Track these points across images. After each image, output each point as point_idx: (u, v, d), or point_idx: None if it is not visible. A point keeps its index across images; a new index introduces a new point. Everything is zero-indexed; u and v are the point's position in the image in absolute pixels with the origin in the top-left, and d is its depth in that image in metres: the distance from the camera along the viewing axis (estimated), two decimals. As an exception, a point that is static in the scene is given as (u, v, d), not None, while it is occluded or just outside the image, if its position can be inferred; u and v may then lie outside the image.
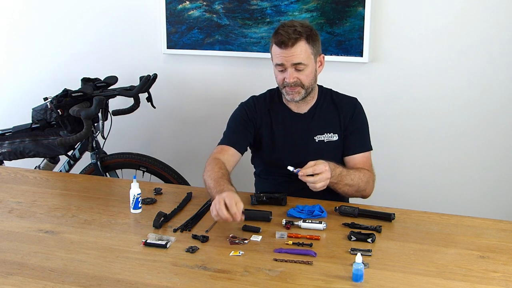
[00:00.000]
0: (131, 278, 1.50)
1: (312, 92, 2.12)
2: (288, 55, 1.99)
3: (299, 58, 1.99)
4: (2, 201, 2.08)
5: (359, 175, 2.04)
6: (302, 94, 2.06)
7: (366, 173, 2.08)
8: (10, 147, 2.83)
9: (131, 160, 2.80)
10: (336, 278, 1.49)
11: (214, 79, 3.10)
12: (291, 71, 2.01)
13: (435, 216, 1.91)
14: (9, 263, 1.59)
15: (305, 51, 2.00)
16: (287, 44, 1.97)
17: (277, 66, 2.05)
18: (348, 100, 2.19)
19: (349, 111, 2.15)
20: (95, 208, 2.01)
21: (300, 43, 1.99)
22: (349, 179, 2.00)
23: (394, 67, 2.78)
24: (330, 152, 2.12)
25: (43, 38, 3.37)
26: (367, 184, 2.07)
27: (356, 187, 2.03)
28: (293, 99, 2.07)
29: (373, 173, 2.15)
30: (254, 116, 2.18)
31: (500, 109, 2.69)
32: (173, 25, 3.05)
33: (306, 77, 2.03)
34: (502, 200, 2.77)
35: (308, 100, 2.13)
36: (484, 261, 1.59)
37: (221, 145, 2.16)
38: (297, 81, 2.02)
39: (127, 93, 2.76)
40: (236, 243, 1.69)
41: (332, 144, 2.13)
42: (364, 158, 2.15)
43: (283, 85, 2.06)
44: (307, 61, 2.01)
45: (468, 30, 2.65)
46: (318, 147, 2.13)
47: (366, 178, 2.06)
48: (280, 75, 2.05)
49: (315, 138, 2.13)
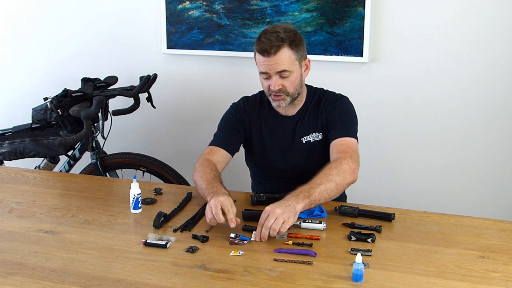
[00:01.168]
0: (131, 278, 1.50)
1: (299, 96, 2.10)
2: (271, 63, 1.95)
3: (282, 65, 1.96)
4: (2, 201, 2.08)
5: (326, 174, 1.84)
6: (288, 100, 2.04)
7: (333, 164, 1.88)
8: (10, 147, 2.83)
9: (131, 160, 2.80)
10: (336, 278, 1.49)
11: (214, 79, 3.10)
12: (276, 78, 1.98)
13: (435, 216, 1.91)
14: (9, 263, 1.59)
15: (288, 58, 1.96)
16: (270, 52, 1.94)
17: (261, 74, 2.02)
18: (333, 97, 2.14)
19: (329, 105, 2.10)
20: (95, 208, 2.01)
21: (283, 50, 1.95)
22: (322, 188, 1.80)
23: (394, 67, 2.78)
24: (317, 151, 2.11)
25: (43, 38, 3.37)
26: (341, 174, 1.85)
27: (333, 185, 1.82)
28: (279, 105, 2.06)
29: (353, 156, 1.94)
30: (243, 116, 2.18)
31: (500, 109, 2.69)
32: (173, 25, 3.05)
33: (291, 84, 2.00)
34: (502, 200, 2.77)
35: (296, 104, 2.12)
36: (484, 261, 1.59)
37: (211, 146, 2.15)
38: (282, 88, 2.00)
39: (127, 93, 2.76)
40: (236, 243, 1.69)
41: (318, 143, 2.12)
42: (342, 141, 2.00)
43: (269, 93, 2.04)
44: (291, 67, 1.98)
45: (468, 30, 2.65)
46: (306, 148, 2.12)
47: (336, 170, 1.85)
48: (265, 82, 2.03)
49: (302, 140, 2.12)
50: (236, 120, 2.17)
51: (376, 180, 2.84)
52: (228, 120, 2.19)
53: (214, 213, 1.71)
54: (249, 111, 2.18)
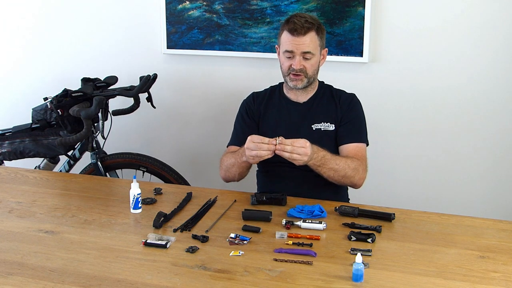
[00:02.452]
0: (131, 278, 1.50)
1: (313, 83, 2.20)
2: (299, 43, 2.08)
3: (308, 47, 2.09)
4: (2, 201, 2.08)
5: (346, 161, 2.06)
6: (305, 82, 2.14)
7: (354, 160, 2.08)
8: (10, 147, 2.83)
9: (131, 160, 2.80)
10: (336, 278, 1.49)
11: (214, 79, 3.10)
12: (299, 58, 2.10)
13: (435, 216, 1.91)
14: (9, 263, 1.59)
15: (314, 41, 2.10)
16: (300, 32, 2.07)
17: (285, 53, 2.12)
18: (346, 95, 2.26)
19: (345, 104, 2.21)
20: (95, 208, 2.01)
21: (311, 33, 2.09)
22: (334, 164, 2.02)
23: (394, 67, 2.78)
24: (326, 140, 2.16)
25: (43, 38, 3.36)
26: (355, 171, 2.06)
27: (342, 172, 2.04)
28: (296, 86, 2.15)
29: (365, 164, 2.15)
30: (253, 109, 2.27)
31: (500, 108, 2.69)
32: (173, 25, 3.05)
33: (311, 66, 2.12)
34: (502, 200, 2.77)
35: (308, 90, 2.21)
36: (484, 261, 1.59)
37: (229, 145, 2.26)
38: (303, 69, 2.11)
39: (127, 93, 2.76)
40: (236, 243, 1.69)
41: (328, 133, 2.18)
42: (356, 148, 2.16)
43: (288, 72, 2.13)
44: (315, 51, 2.11)
45: (468, 30, 2.65)
46: (315, 135, 2.16)
47: (354, 165, 2.06)
48: (287, 61, 2.13)
49: (312, 126, 2.19)
50: (247, 115, 2.27)
51: (376, 180, 2.84)
52: (240, 118, 2.29)
53: (256, 147, 1.90)
54: (258, 103, 2.28)
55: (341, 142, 2.17)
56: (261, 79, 2.69)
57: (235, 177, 2.17)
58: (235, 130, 2.29)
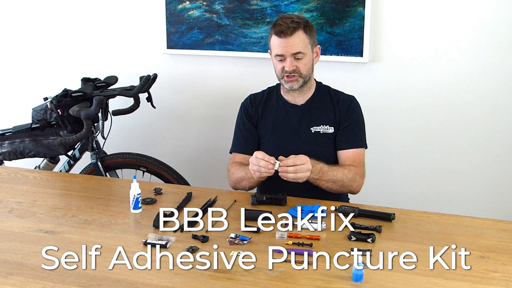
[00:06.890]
0: (131, 278, 1.50)
1: (309, 82, 2.17)
2: (287, 45, 2.06)
3: (298, 47, 2.06)
4: (2, 201, 2.08)
5: (343, 172, 2.06)
6: (300, 82, 2.12)
7: (351, 169, 2.09)
8: (10, 147, 2.83)
9: (131, 160, 2.80)
10: (336, 278, 1.49)
11: (214, 79, 3.10)
12: (291, 60, 2.08)
13: (435, 216, 1.91)
14: (9, 263, 1.59)
15: (303, 40, 2.07)
16: (286, 33, 2.05)
17: (276, 57, 2.11)
18: (345, 97, 2.24)
19: (345, 107, 2.19)
20: (95, 208, 2.01)
21: (298, 32, 2.06)
22: (331, 175, 2.03)
23: (394, 67, 2.78)
24: (325, 143, 2.16)
25: (43, 38, 3.36)
26: (352, 181, 2.07)
27: (340, 183, 2.05)
28: (292, 87, 2.13)
29: (363, 170, 2.15)
30: (251, 112, 2.26)
31: (500, 109, 2.69)
32: (173, 25, 3.05)
33: (304, 66, 2.10)
34: (502, 200, 2.77)
35: (305, 91, 2.19)
36: (484, 261, 1.59)
37: (233, 152, 2.27)
38: (296, 69, 2.09)
39: (127, 93, 2.76)
40: (236, 243, 1.69)
41: (327, 136, 2.17)
42: (355, 154, 2.15)
43: (282, 75, 2.12)
44: (305, 50, 2.08)
45: (468, 30, 2.65)
46: (314, 137, 2.16)
47: (351, 175, 2.07)
48: (279, 64, 2.12)
49: (311, 129, 2.18)
50: (246, 119, 2.26)
51: (376, 180, 2.84)
52: (240, 123, 2.28)
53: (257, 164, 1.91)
54: (256, 105, 2.26)
55: (340, 147, 2.17)
56: (261, 79, 2.68)
57: (246, 189, 2.17)
58: (236, 136, 2.28)
